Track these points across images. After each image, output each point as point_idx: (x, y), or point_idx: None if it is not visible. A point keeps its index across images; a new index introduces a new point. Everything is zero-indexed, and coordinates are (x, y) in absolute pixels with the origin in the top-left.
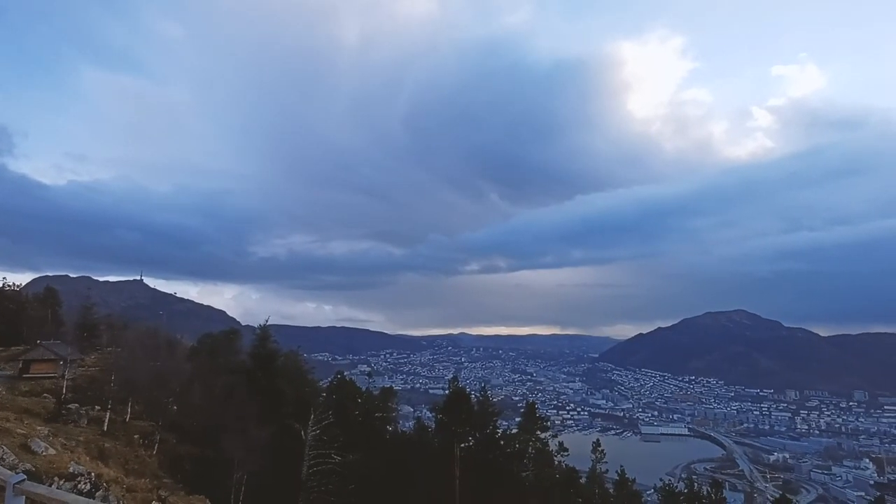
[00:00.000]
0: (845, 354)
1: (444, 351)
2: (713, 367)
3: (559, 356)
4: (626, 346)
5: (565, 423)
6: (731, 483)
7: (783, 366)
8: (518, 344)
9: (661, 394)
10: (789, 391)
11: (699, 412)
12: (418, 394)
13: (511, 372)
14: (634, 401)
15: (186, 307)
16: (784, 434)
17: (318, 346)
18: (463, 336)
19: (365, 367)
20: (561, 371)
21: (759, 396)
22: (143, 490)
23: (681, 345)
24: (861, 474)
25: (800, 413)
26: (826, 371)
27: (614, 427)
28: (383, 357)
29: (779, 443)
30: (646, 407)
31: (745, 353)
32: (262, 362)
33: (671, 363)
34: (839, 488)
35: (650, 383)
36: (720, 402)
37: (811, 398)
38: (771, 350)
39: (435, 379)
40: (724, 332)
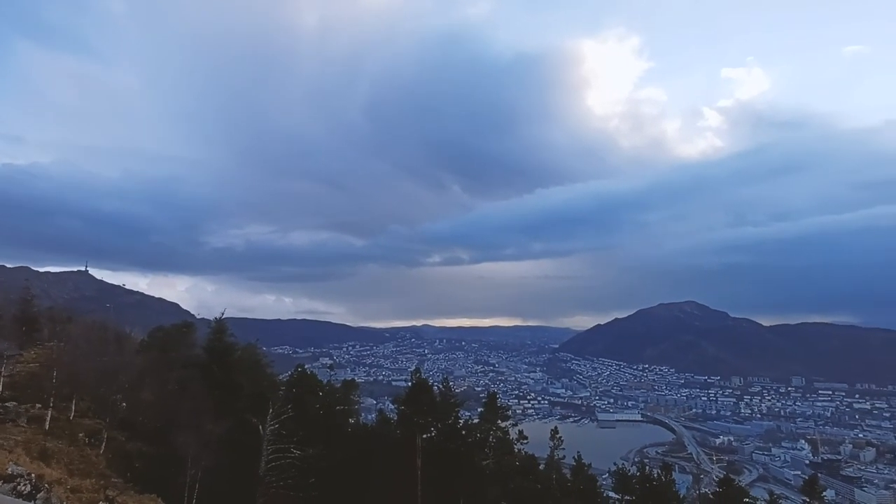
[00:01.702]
0: (785, 343)
1: (408, 343)
2: (665, 355)
3: (521, 347)
4: (585, 336)
5: (526, 412)
6: (681, 465)
7: (729, 354)
8: (481, 335)
9: (617, 382)
10: (734, 378)
11: (652, 399)
12: (381, 386)
13: (474, 363)
14: (592, 389)
15: (136, 299)
16: (729, 418)
17: (278, 339)
18: (426, 328)
19: (327, 359)
20: (523, 361)
21: (707, 383)
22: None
23: (636, 335)
24: (798, 455)
25: (743, 398)
26: (768, 358)
27: (573, 415)
28: (346, 349)
29: (724, 426)
30: (602, 395)
31: (694, 342)
32: (218, 356)
33: (627, 352)
34: (778, 468)
35: (607, 372)
36: (671, 388)
37: (754, 384)
38: (718, 339)
39: (398, 371)
40: (675, 322)
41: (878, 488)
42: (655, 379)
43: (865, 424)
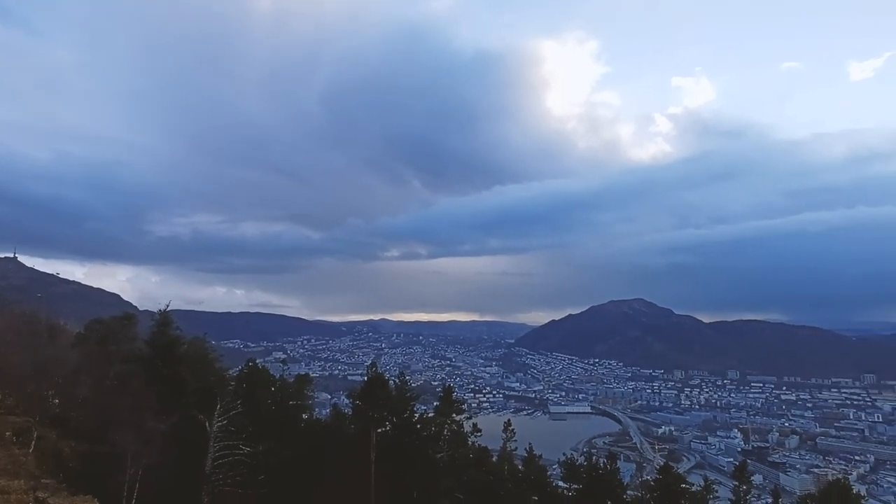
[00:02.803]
0: (723, 339)
1: (365, 337)
2: (614, 350)
3: (478, 342)
4: (540, 331)
5: (481, 406)
6: (626, 454)
7: (672, 349)
8: (438, 330)
9: (568, 376)
10: (676, 371)
11: (601, 392)
12: (337, 380)
13: (431, 357)
14: (545, 383)
15: (71, 289)
16: (671, 409)
17: (228, 332)
18: (383, 322)
19: (280, 354)
20: (479, 356)
21: (652, 376)
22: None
23: (588, 330)
24: (731, 443)
25: (684, 391)
26: (707, 353)
27: (526, 408)
28: (300, 344)
29: (666, 417)
30: (555, 388)
31: (641, 338)
32: (162, 350)
33: (579, 347)
34: (713, 455)
35: (560, 366)
36: (619, 382)
37: (694, 377)
38: (663, 335)
39: (354, 365)
40: (624, 318)
41: (800, 472)
42: (605, 372)
43: (791, 414)
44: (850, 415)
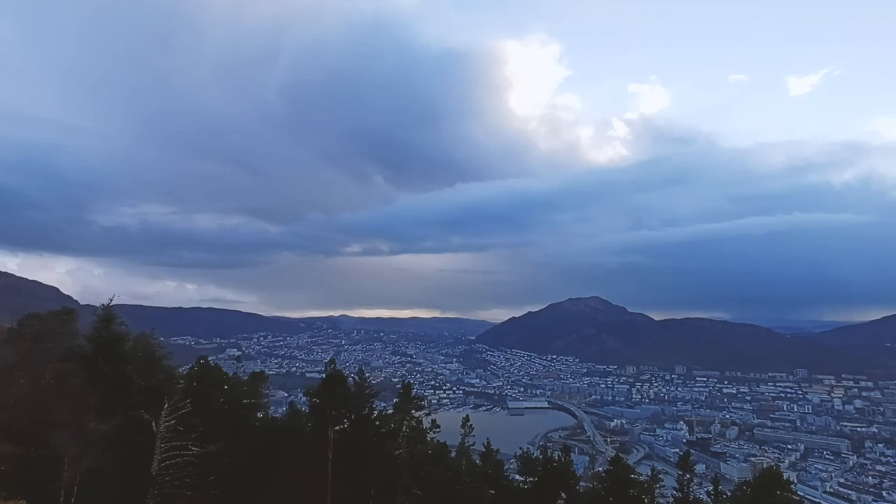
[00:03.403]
0: (671, 335)
1: (324, 333)
2: (571, 346)
3: (439, 338)
4: (500, 328)
5: (441, 402)
6: (580, 447)
7: (625, 345)
8: (399, 326)
9: (527, 372)
10: (629, 367)
11: (558, 387)
12: (294, 378)
13: (392, 354)
14: (504, 379)
15: (4, 282)
16: (623, 403)
17: (179, 328)
18: (344, 318)
19: (234, 351)
20: (440, 353)
21: (606, 372)
22: None
23: (546, 327)
24: (677, 434)
25: (635, 385)
26: (657, 349)
27: (485, 403)
28: (256, 340)
29: (618, 411)
30: (514, 384)
31: (596, 335)
32: (105, 347)
33: (538, 344)
34: (661, 447)
35: (519, 362)
36: (575, 377)
37: (644, 372)
38: (617, 332)
39: (313, 362)
40: (581, 316)
41: (739, 461)
42: (562, 368)
43: (731, 407)
44: (784, 407)
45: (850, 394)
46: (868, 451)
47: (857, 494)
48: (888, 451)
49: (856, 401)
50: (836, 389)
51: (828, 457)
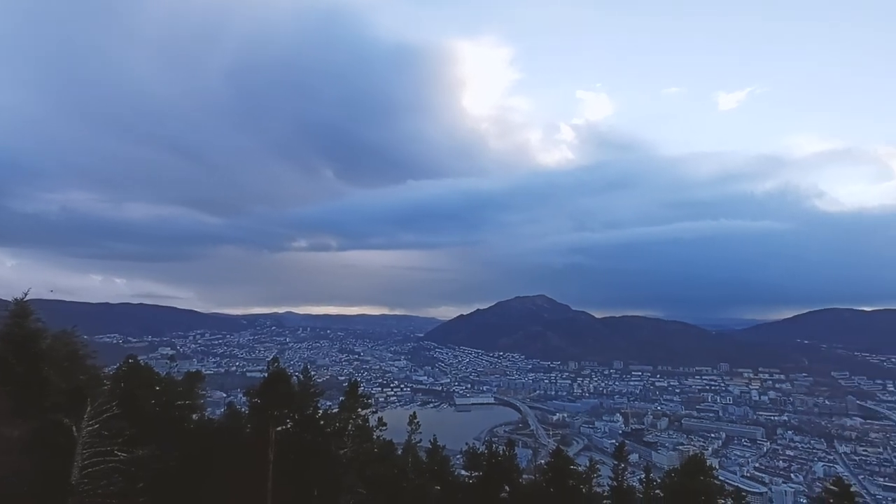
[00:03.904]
0: (611, 332)
1: (267, 331)
2: (517, 344)
3: (387, 336)
4: (449, 325)
5: (389, 400)
6: (524, 441)
7: (568, 342)
8: (347, 324)
9: (475, 368)
10: (571, 363)
11: (504, 383)
12: (234, 377)
13: (339, 352)
14: (452, 376)
15: None
16: (565, 398)
17: (105, 326)
18: (289, 315)
19: (167, 349)
20: (388, 350)
21: (550, 368)
22: None
23: (494, 325)
24: (614, 426)
25: (577, 380)
26: (597, 346)
27: (433, 400)
28: (193, 338)
29: (560, 405)
30: (461, 381)
31: (541, 332)
32: (18, 345)
33: (485, 341)
34: (599, 438)
35: (467, 359)
36: (521, 373)
37: (585, 368)
38: (561, 329)
39: (254, 361)
40: (528, 314)
41: (668, 450)
42: (508, 365)
43: (663, 399)
44: (709, 398)
45: (766, 385)
46: (779, 438)
47: (769, 477)
48: (796, 437)
49: (770, 392)
50: (753, 382)
51: (745, 444)
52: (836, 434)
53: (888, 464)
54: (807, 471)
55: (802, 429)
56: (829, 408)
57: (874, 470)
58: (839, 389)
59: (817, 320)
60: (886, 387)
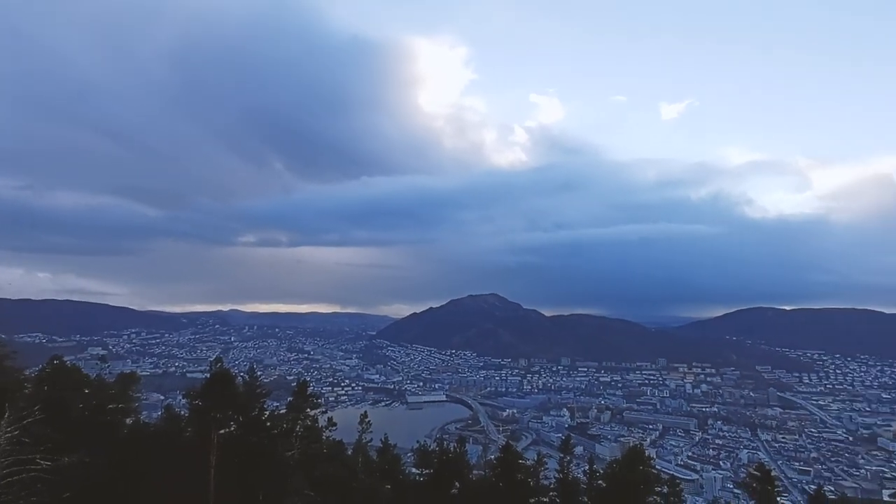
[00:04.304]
0: (559, 330)
1: (210, 330)
2: (470, 341)
3: (339, 334)
4: (402, 323)
5: (339, 399)
6: (474, 438)
7: (519, 339)
8: (297, 322)
9: (427, 366)
10: (521, 360)
11: (456, 380)
12: (173, 378)
13: (287, 351)
14: (404, 374)
15: None
16: (515, 394)
17: (27, 324)
18: (234, 313)
19: (98, 349)
20: (339, 349)
21: (501, 365)
22: None
23: (447, 323)
24: (560, 420)
25: (526, 377)
26: (546, 343)
27: (385, 399)
28: (127, 338)
29: (510, 401)
30: (413, 379)
31: (493, 330)
32: None
33: (438, 339)
34: (546, 432)
35: (419, 357)
36: (472, 371)
37: (535, 364)
38: (512, 327)
39: (196, 361)
40: (480, 312)
41: (611, 442)
42: (460, 363)
43: (606, 393)
44: (648, 392)
45: (699, 379)
46: (710, 428)
47: (700, 465)
48: (725, 427)
49: (702, 385)
50: (687, 376)
51: (680, 434)
52: (759, 423)
53: (803, 449)
54: (734, 458)
55: (730, 419)
56: (754, 399)
57: (791, 455)
58: (762, 382)
59: (744, 318)
60: (802, 379)
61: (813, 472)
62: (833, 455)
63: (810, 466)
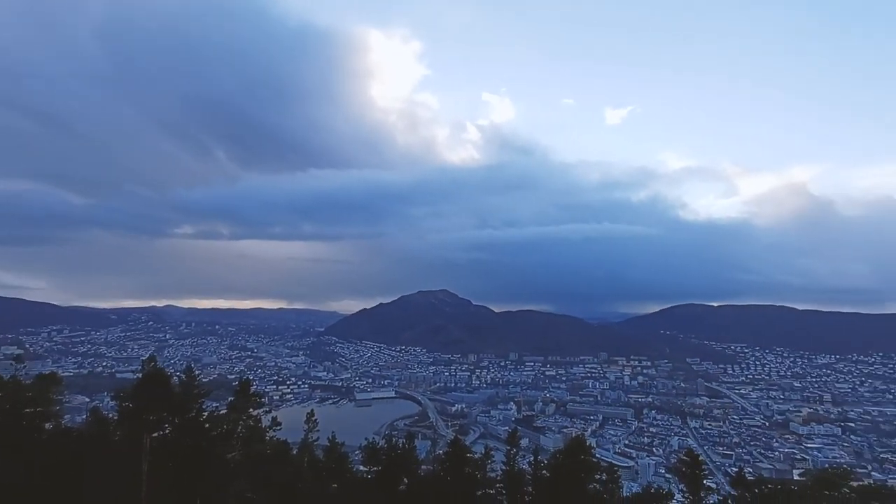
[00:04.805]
0: (507, 326)
1: (143, 327)
2: (420, 337)
3: (284, 330)
4: (351, 320)
5: (284, 398)
6: (423, 433)
7: (468, 335)
8: (240, 318)
9: (376, 363)
10: (471, 355)
11: (405, 377)
12: (100, 379)
13: (228, 348)
14: (353, 370)
15: None
16: (464, 389)
17: None
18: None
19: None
20: (285, 346)
21: (450, 360)
22: None
23: (397, 319)
24: (508, 414)
25: (475, 372)
26: (495, 339)
27: (332, 396)
28: (48, 335)
29: (459, 396)
30: (363, 375)
31: (443, 326)
32: None
33: (388, 335)
34: (494, 426)
35: (368, 354)
36: (422, 366)
37: (483, 360)
38: (462, 323)
39: (126, 360)
40: (431, 308)
41: (555, 433)
42: (410, 359)
43: (551, 387)
44: (590, 384)
45: (636, 371)
46: (645, 417)
47: (636, 452)
48: (658, 415)
49: (639, 377)
50: (626, 368)
51: (618, 423)
52: (689, 412)
53: (727, 435)
54: (666, 445)
55: (663, 408)
56: (684, 389)
57: (716, 441)
58: (692, 373)
59: (677, 314)
60: (727, 370)
61: (734, 456)
62: (752, 439)
63: (732, 450)
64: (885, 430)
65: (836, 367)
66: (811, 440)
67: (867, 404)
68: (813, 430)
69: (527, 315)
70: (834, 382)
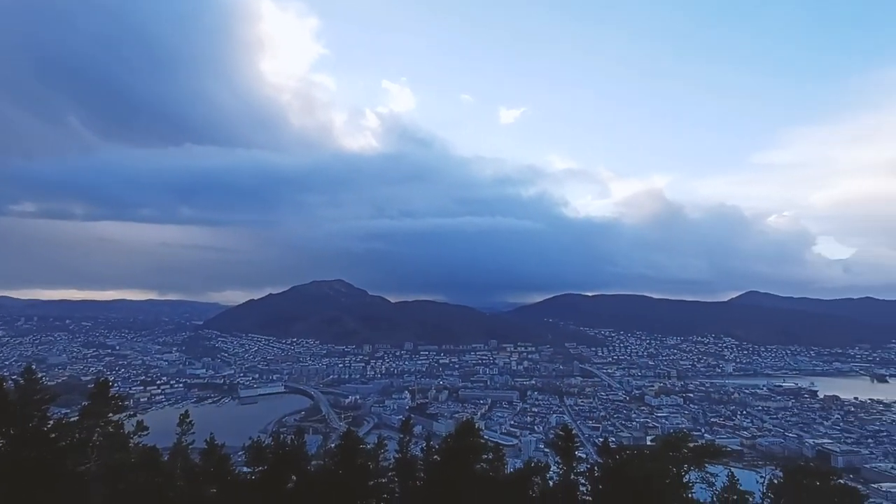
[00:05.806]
0: (403, 316)
1: None
2: (313, 329)
3: (154, 325)
4: (235, 311)
5: (154, 399)
6: (315, 428)
7: (364, 326)
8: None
9: (264, 357)
10: (366, 346)
11: (296, 370)
12: None
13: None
14: (237, 366)
15: None
16: (358, 380)
17: None
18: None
19: None
20: (155, 342)
21: (345, 352)
22: None
23: (288, 310)
24: (402, 403)
25: (370, 363)
26: (390, 329)
27: (212, 395)
28: None
29: (353, 388)
30: (248, 371)
31: (338, 317)
32: None
33: (278, 328)
34: (388, 416)
35: (255, 347)
36: (315, 359)
37: (379, 350)
38: (357, 314)
39: None
40: (325, 298)
41: (447, 419)
42: (301, 351)
43: (445, 374)
44: (481, 371)
45: (522, 357)
46: (529, 399)
47: (520, 431)
48: (540, 396)
49: (524, 362)
50: (513, 354)
51: (505, 406)
52: (565, 391)
53: (595, 410)
54: (545, 422)
55: (544, 389)
56: (562, 371)
57: (587, 416)
58: (569, 356)
59: (558, 303)
60: (598, 352)
61: (601, 428)
62: (615, 412)
63: (599, 423)
64: (714, 399)
65: (681, 346)
66: (660, 410)
67: (702, 377)
68: (662, 401)
69: (422, 305)
70: (679, 360)
